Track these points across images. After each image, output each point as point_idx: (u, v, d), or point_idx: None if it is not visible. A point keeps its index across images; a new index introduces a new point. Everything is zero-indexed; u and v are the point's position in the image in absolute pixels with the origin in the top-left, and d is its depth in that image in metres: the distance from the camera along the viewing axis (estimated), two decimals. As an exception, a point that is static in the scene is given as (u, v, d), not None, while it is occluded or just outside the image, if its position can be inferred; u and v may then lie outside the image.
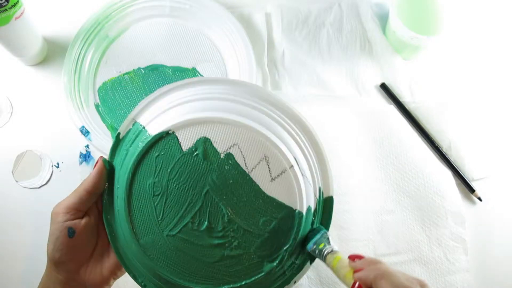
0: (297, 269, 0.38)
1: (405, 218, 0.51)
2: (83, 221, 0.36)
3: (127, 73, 0.54)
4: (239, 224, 0.36)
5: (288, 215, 0.36)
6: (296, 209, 0.36)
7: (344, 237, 0.50)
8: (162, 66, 0.54)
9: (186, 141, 0.36)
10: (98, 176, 0.37)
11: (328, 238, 0.36)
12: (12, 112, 0.54)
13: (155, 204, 0.36)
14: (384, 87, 0.56)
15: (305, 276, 0.49)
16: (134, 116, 0.38)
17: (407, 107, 0.55)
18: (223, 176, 0.36)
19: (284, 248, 0.36)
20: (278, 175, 0.36)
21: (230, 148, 0.36)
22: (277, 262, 0.36)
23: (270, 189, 0.36)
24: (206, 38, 0.56)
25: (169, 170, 0.36)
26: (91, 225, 0.37)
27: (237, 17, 0.56)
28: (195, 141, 0.36)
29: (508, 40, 0.58)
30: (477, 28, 0.58)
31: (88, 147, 0.52)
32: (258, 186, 0.36)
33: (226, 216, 0.36)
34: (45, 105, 0.54)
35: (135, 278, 0.38)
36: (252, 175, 0.36)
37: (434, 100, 0.55)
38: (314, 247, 0.35)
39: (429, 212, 0.51)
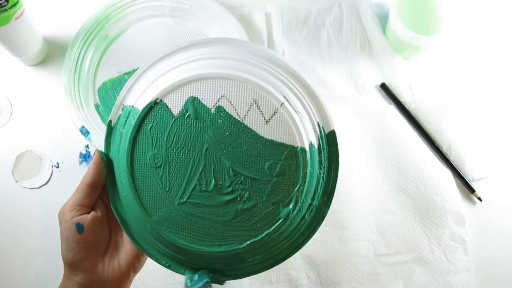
0: (316, 212, 0.37)
1: (405, 218, 0.51)
2: (90, 215, 0.36)
3: (127, 73, 0.54)
4: (246, 175, 0.36)
5: (291, 154, 0.35)
6: (297, 146, 0.35)
7: (344, 237, 0.50)
8: (162, 66, 0.54)
9: (175, 105, 0.36)
10: (96, 167, 0.36)
11: None
12: (12, 112, 0.54)
13: (160, 176, 0.36)
14: (384, 87, 0.55)
15: (305, 276, 0.49)
16: (121, 100, 0.38)
17: (407, 107, 0.54)
18: (219, 130, 0.36)
19: (296, 189, 0.36)
20: (272, 116, 0.35)
21: (218, 101, 0.35)
22: (292, 204, 0.36)
23: (267, 131, 0.35)
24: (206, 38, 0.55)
25: (165, 138, 0.36)
26: (100, 219, 0.37)
27: (237, 17, 0.56)
28: (184, 103, 0.36)
29: (508, 40, 0.58)
30: (477, 28, 0.58)
31: (88, 147, 0.52)
32: (254, 131, 0.35)
33: (231, 169, 0.36)
34: (45, 105, 0.54)
35: (158, 260, 0.38)
36: (246, 122, 0.35)
37: (434, 100, 0.55)
38: None
39: (429, 212, 0.51)
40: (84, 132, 0.51)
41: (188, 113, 0.36)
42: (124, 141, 0.37)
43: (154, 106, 0.36)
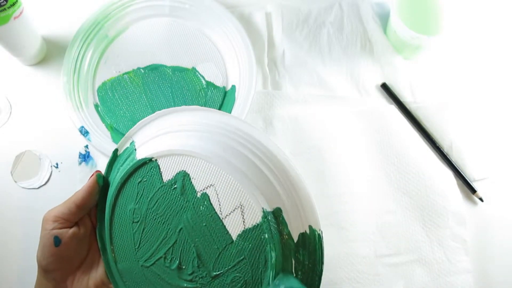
0: None
1: (406, 219, 0.51)
2: (71, 231, 0.36)
3: (126, 73, 0.54)
4: (208, 272, 0.34)
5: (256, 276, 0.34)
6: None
7: (344, 237, 0.50)
8: (162, 66, 0.54)
9: (167, 171, 0.35)
10: (89, 191, 0.37)
11: None
12: (11, 112, 0.54)
13: (134, 231, 0.36)
14: (385, 87, 0.55)
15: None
16: (132, 134, 0.38)
17: (408, 107, 0.54)
18: (198, 217, 0.34)
19: None
20: (253, 228, 0.33)
21: (207, 188, 0.34)
22: None
23: (243, 240, 0.33)
24: (206, 38, 0.55)
25: (149, 199, 0.36)
26: (80, 236, 0.37)
27: (237, 17, 0.55)
28: (175, 173, 0.35)
29: (509, 40, 0.58)
30: (479, 28, 0.58)
31: (87, 147, 0.52)
32: (230, 235, 0.33)
33: (196, 260, 0.35)
34: (44, 105, 0.54)
35: None
36: (225, 222, 0.34)
37: (435, 100, 0.54)
38: None
39: (430, 212, 0.50)
40: (84, 132, 0.51)
41: (175, 186, 0.35)
42: (116, 180, 0.37)
43: (149, 162, 0.35)
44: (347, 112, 0.54)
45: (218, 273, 0.34)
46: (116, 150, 0.38)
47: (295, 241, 0.33)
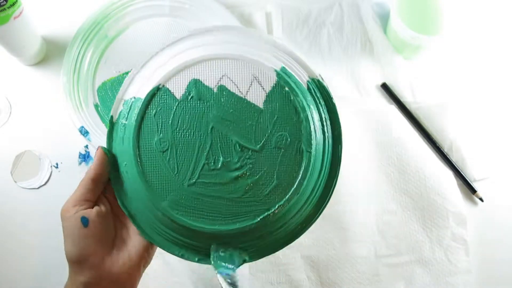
0: (327, 181, 0.38)
1: (406, 219, 0.51)
2: (94, 209, 0.35)
3: (126, 72, 0.54)
4: (253, 149, 0.36)
5: (295, 121, 0.36)
6: (300, 112, 0.36)
7: (345, 238, 0.50)
8: (162, 66, 0.54)
9: (178, 89, 0.36)
10: (100, 162, 0.36)
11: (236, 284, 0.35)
12: (10, 112, 0.54)
13: (167, 159, 0.36)
14: (385, 87, 0.55)
15: (305, 277, 0.49)
16: (122, 96, 0.38)
17: (408, 107, 0.54)
18: (222, 108, 0.36)
19: (301, 164, 0.36)
20: (271, 89, 0.36)
21: (220, 80, 0.36)
22: (301, 174, 0.36)
23: (269, 104, 0.36)
24: (206, 38, 0.55)
25: (170, 122, 0.36)
26: (104, 213, 0.36)
27: (237, 17, 0.55)
28: (186, 86, 0.36)
29: (509, 40, 0.58)
30: (479, 28, 0.58)
31: (87, 148, 0.52)
32: (257, 106, 0.36)
33: (237, 145, 0.36)
34: (44, 105, 0.54)
35: (170, 250, 0.38)
36: (248, 97, 0.36)
37: (435, 100, 0.54)
38: (220, 282, 0.34)
39: (430, 212, 0.50)
40: (84, 132, 0.51)
41: (191, 95, 0.36)
42: (129, 131, 0.37)
43: (157, 92, 0.36)
44: (347, 112, 0.54)
45: (261, 144, 0.36)
46: (111, 118, 0.38)
47: (306, 88, 0.38)
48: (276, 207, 0.36)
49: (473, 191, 0.52)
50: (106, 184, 0.38)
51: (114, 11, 0.54)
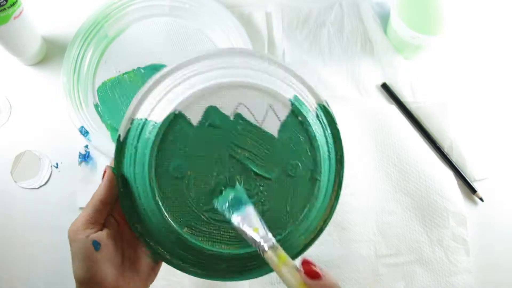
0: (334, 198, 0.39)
1: (406, 219, 0.51)
2: (105, 232, 0.35)
3: (126, 72, 0.54)
4: (267, 177, 0.37)
5: (309, 149, 0.37)
6: (315, 139, 0.37)
7: (345, 238, 0.50)
8: (162, 65, 0.54)
9: (194, 116, 0.36)
10: (110, 183, 0.36)
11: (259, 219, 0.34)
12: (10, 112, 0.54)
13: (185, 186, 0.36)
14: (385, 87, 0.55)
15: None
16: (130, 115, 0.38)
17: (408, 107, 0.54)
18: (239, 136, 0.37)
19: (312, 191, 0.37)
20: (285, 118, 0.37)
21: (236, 108, 0.36)
22: (314, 195, 0.37)
23: (283, 133, 0.37)
24: (206, 38, 0.55)
25: (186, 148, 0.36)
26: (113, 235, 0.36)
27: (237, 17, 0.55)
28: (203, 113, 0.36)
29: (509, 40, 0.58)
30: (479, 28, 0.58)
31: (87, 147, 0.52)
32: (271, 134, 0.37)
33: (253, 173, 0.37)
34: (44, 105, 0.54)
35: (184, 270, 0.38)
36: (263, 126, 0.37)
37: (435, 100, 0.54)
38: (243, 227, 0.34)
39: (431, 212, 0.50)
40: (84, 132, 0.51)
41: (208, 122, 0.36)
42: (143, 155, 0.36)
43: (173, 118, 0.36)
44: (347, 112, 0.54)
45: (275, 172, 0.37)
46: (119, 137, 0.38)
47: (315, 115, 0.39)
48: (287, 232, 0.37)
49: (473, 191, 0.52)
50: (113, 206, 0.37)
51: (114, 11, 0.54)
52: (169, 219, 0.36)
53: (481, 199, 0.52)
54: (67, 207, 0.50)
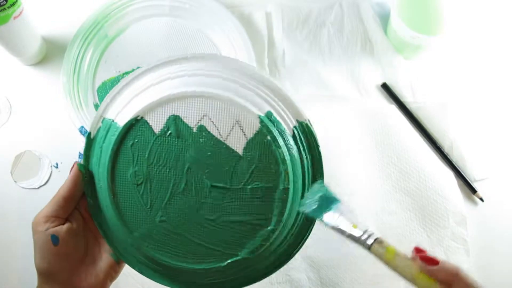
0: (300, 229, 0.37)
1: (406, 219, 0.51)
2: (65, 227, 0.35)
3: (126, 72, 0.54)
4: (227, 194, 0.36)
5: (273, 174, 0.35)
6: (280, 165, 0.35)
7: (345, 238, 0.49)
8: (162, 65, 0.54)
9: (157, 123, 0.35)
10: (74, 181, 0.36)
11: (354, 215, 0.32)
12: (10, 112, 0.54)
13: (141, 193, 0.36)
14: (385, 87, 0.55)
15: (305, 277, 0.49)
16: (101, 113, 0.37)
17: (408, 107, 0.54)
18: (200, 150, 0.35)
19: (277, 211, 0.35)
20: (253, 136, 0.35)
21: (200, 120, 0.35)
22: (272, 225, 0.36)
23: (249, 151, 0.35)
24: (206, 38, 0.55)
25: (146, 156, 0.36)
26: (75, 231, 0.36)
27: (237, 17, 0.55)
28: (165, 121, 0.35)
29: (509, 40, 0.58)
30: (479, 28, 0.58)
31: (87, 147, 0.52)
32: (236, 152, 0.35)
33: (212, 189, 0.36)
34: (44, 105, 0.54)
35: (140, 271, 0.38)
36: (228, 142, 0.35)
37: (435, 100, 0.54)
38: (340, 226, 0.32)
39: (431, 212, 0.50)
40: (84, 132, 0.51)
41: (169, 132, 0.35)
42: (105, 156, 0.36)
43: (135, 123, 0.35)
44: (347, 112, 0.54)
45: (236, 191, 0.36)
46: (89, 134, 0.38)
47: (291, 135, 0.36)
48: (245, 253, 0.36)
49: (473, 191, 0.52)
50: (80, 200, 0.37)
51: (114, 11, 0.54)
52: (124, 225, 0.36)
53: (481, 199, 0.52)
54: (67, 207, 0.50)
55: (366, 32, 0.57)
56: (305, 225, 0.37)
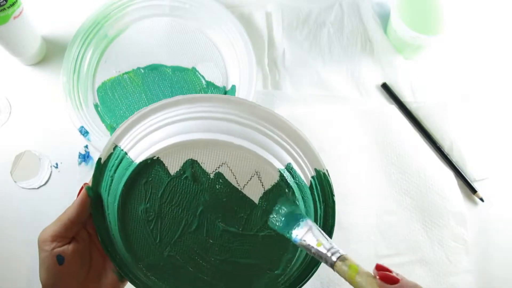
0: (304, 270, 0.37)
1: (406, 219, 0.51)
2: (71, 246, 0.36)
3: (126, 72, 0.54)
4: (238, 240, 0.36)
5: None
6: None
7: (345, 238, 0.49)
8: (162, 65, 0.54)
9: (173, 165, 0.35)
10: (81, 205, 0.36)
11: (319, 231, 0.32)
12: (10, 112, 0.54)
13: (151, 228, 0.36)
14: (385, 87, 0.55)
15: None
16: (114, 139, 0.37)
17: (408, 107, 0.54)
18: (216, 195, 0.35)
19: (287, 258, 0.36)
20: (271, 187, 0.34)
21: (219, 167, 0.34)
22: (280, 270, 0.36)
23: (265, 201, 0.35)
24: (206, 38, 0.55)
25: (159, 195, 0.35)
26: (80, 249, 0.37)
27: (237, 17, 0.55)
28: (182, 164, 0.34)
29: (509, 40, 0.58)
30: (479, 28, 0.58)
31: (87, 148, 0.52)
32: (252, 200, 0.34)
33: (224, 233, 0.35)
34: (44, 105, 0.54)
35: None
36: (245, 191, 0.34)
37: (435, 100, 0.54)
38: (306, 242, 0.31)
39: (431, 212, 0.50)
40: (83, 132, 0.51)
41: (185, 175, 0.35)
42: (115, 187, 0.36)
43: (151, 162, 0.34)
44: (347, 112, 0.54)
45: (248, 237, 0.35)
46: (99, 159, 0.37)
47: (308, 186, 0.36)
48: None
49: (473, 191, 0.52)
50: (87, 220, 0.38)
51: (114, 11, 0.54)
52: (131, 254, 0.36)
53: (481, 199, 0.52)
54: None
55: (366, 32, 0.57)
56: (310, 266, 0.37)
